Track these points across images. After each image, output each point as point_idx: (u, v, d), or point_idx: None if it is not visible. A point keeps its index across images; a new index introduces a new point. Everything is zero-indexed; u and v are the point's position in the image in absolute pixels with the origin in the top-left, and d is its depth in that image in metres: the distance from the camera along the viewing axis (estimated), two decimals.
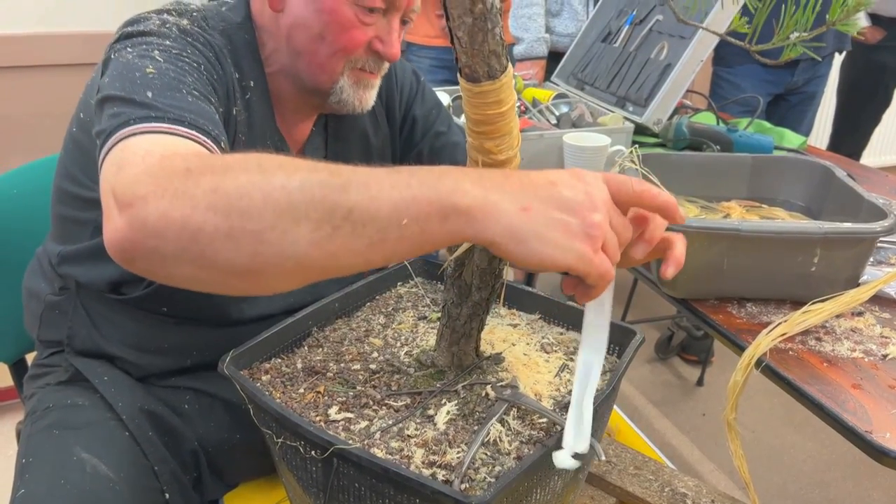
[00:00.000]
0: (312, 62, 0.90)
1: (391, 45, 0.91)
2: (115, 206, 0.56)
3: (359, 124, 1.06)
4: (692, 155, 1.36)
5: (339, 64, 0.90)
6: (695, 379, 2.45)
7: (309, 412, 0.72)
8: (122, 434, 0.90)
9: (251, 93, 0.92)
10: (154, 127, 0.67)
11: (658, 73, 1.70)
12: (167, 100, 0.72)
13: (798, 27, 0.58)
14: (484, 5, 0.55)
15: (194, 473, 0.96)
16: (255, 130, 0.93)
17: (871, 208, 1.03)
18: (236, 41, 0.91)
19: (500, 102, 0.60)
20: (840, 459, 2.11)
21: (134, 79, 0.74)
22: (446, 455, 0.66)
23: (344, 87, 0.92)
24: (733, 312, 1.03)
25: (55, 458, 0.85)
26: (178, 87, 0.75)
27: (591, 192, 0.56)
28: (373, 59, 0.92)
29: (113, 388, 0.94)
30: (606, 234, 0.56)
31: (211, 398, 0.98)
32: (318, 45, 0.89)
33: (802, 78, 2.36)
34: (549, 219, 0.54)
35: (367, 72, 0.93)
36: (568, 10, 2.29)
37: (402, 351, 0.83)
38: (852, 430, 0.80)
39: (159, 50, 0.80)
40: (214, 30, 0.89)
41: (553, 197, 0.55)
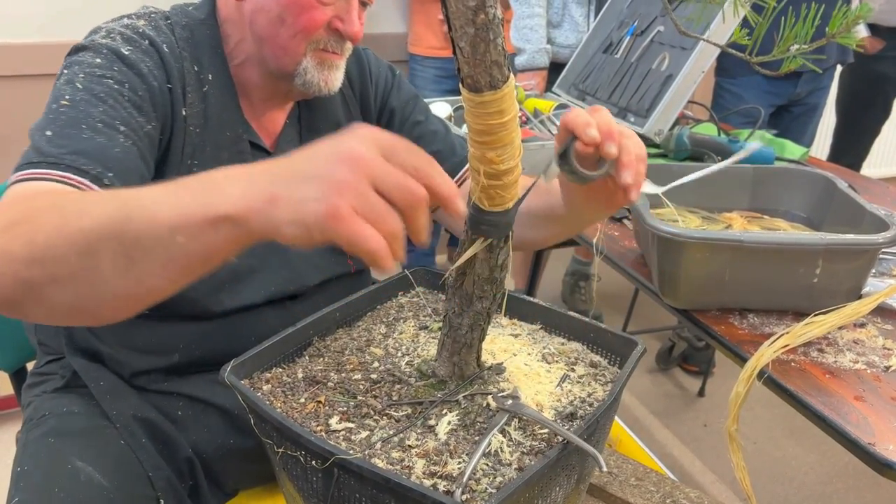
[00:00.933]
0: (275, 45, 0.93)
1: (351, 23, 0.93)
2: None
3: (332, 115, 1.06)
4: (693, 166, 1.36)
5: (301, 45, 0.92)
6: (696, 389, 2.44)
7: (310, 422, 0.72)
8: (116, 442, 0.90)
9: (209, 85, 0.94)
10: (30, 174, 0.72)
11: (659, 83, 1.70)
12: (61, 140, 0.76)
13: (798, 39, 0.58)
14: (486, 16, 0.55)
15: (190, 482, 0.95)
16: (213, 121, 0.94)
17: (873, 219, 1.03)
18: (198, 36, 0.95)
19: (502, 112, 0.60)
20: (842, 471, 2.10)
21: (50, 110, 0.80)
22: (447, 465, 0.65)
23: (308, 69, 0.94)
24: (735, 323, 1.03)
25: (49, 467, 0.85)
26: (80, 123, 0.79)
27: (338, 155, 0.53)
28: (334, 39, 0.94)
29: (108, 394, 0.94)
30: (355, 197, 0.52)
31: (204, 404, 0.98)
32: (279, 28, 0.91)
33: (805, 89, 2.37)
34: (294, 201, 0.53)
35: (329, 52, 0.94)
36: (569, 21, 2.30)
37: (403, 361, 0.83)
38: (855, 443, 0.80)
39: (84, 73, 0.83)
40: (177, 25, 0.94)
41: (300, 176, 0.54)
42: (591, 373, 0.83)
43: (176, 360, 0.97)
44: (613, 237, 1.32)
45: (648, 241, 1.07)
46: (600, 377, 0.82)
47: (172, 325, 0.96)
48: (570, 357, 0.86)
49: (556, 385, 0.79)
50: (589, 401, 0.77)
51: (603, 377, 0.82)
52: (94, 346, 0.98)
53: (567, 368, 0.83)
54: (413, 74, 2.73)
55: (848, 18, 0.57)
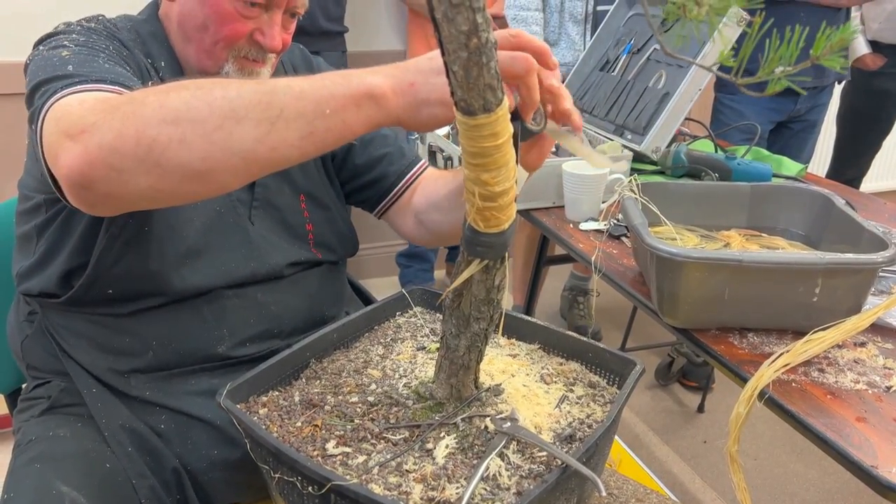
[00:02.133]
0: (199, 49, 0.96)
1: (272, 38, 0.96)
2: (67, 138, 0.65)
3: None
4: (691, 184, 1.36)
5: (223, 52, 0.96)
6: (695, 406, 2.43)
7: (306, 446, 0.71)
8: (102, 465, 0.90)
9: (163, 72, 0.97)
10: (80, 88, 0.75)
11: (656, 101, 1.71)
12: (86, 68, 0.80)
13: (783, 62, 0.58)
14: (479, 40, 0.55)
15: (177, 496, 0.95)
16: None
17: (871, 238, 1.03)
18: (143, 33, 0.99)
19: (496, 135, 0.60)
20: (843, 488, 2.08)
21: (53, 64, 0.82)
22: (445, 490, 0.65)
23: (230, 73, 0.97)
24: (735, 343, 1.02)
25: (34, 493, 0.85)
26: (94, 59, 0.83)
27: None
28: (255, 49, 0.97)
29: (99, 402, 0.95)
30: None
31: (186, 417, 0.97)
32: (203, 35, 0.95)
33: (805, 106, 2.38)
34: (428, 84, 0.67)
35: (250, 60, 0.97)
36: (565, 39, 2.31)
37: (400, 383, 0.83)
38: (858, 465, 0.79)
39: (68, 41, 0.87)
40: (123, 28, 0.98)
41: (427, 68, 0.68)
42: (589, 393, 0.83)
43: (151, 357, 0.97)
44: (612, 255, 1.32)
45: (647, 260, 1.07)
46: (599, 398, 0.82)
47: (140, 318, 0.97)
48: (568, 377, 0.86)
49: (555, 406, 0.79)
50: (588, 422, 0.76)
51: (602, 398, 0.82)
52: (78, 357, 0.99)
53: (566, 389, 0.83)
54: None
55: (832, 41, 0.57)
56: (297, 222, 1.08)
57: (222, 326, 0.99)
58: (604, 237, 1.39)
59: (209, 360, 0.99)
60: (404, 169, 1.14)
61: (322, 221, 1.10)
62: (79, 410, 0.96)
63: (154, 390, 0.98)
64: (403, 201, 1.15)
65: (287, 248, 1.05)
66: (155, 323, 0.97)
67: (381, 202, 1.16)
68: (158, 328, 0.97)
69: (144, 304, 0.96)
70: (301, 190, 1.09)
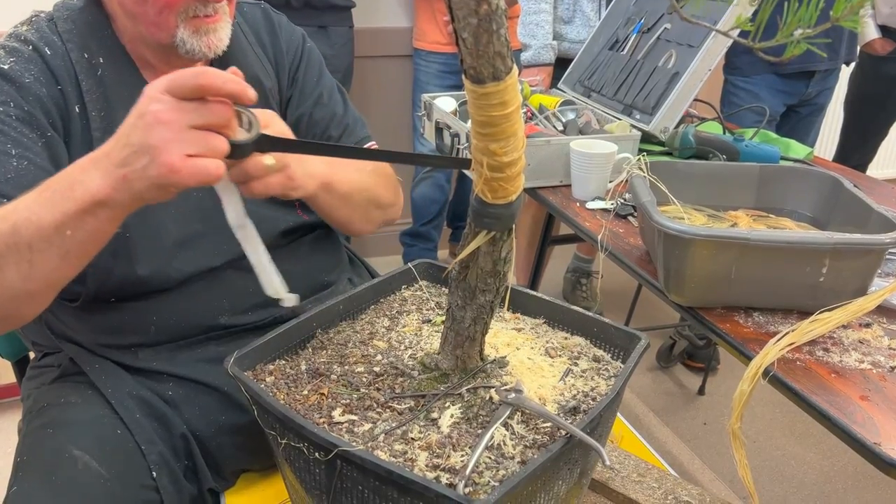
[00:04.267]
0: (147, 22, 0.93)
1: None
2: None
3: (249, 71, 1.06)
4: (700, 164, 1.35)
5: (170, 18, 0.92)
6: (696, 388, 2.44)
7: (313, 414, 0.72)
8: (113, 431, 0.91)
9: (101, 68, 0.95)
10: None
11: (665, 81, 1.70)
12: None
13: (802, 23, 0.58)
14: (489, 6, 0.55)
15: (186, 461, 0.96)
16: (115, 101, 0.95)
17: (879, 219, 1.03)
18: (80, 24, 0.96)
19: (505, 104, 0.60)
20: (842, 471, 2.09)
21: None
22: (450, 458, 0.65)
23: (185, 39, 0.93)
24: (740, 322, 1.03)
25: (48, 456, 0.86)
26: None
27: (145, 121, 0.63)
28: (201, 4, 0.93)
29: (103, 375, 0.96)
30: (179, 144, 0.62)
31: (193, 383, 0.99)
32: (145, 7, 0.91)
33: (815, 89, 2.36)
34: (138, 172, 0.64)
35: (201, 17, 0.93)
36: (580, 16, 2.29)
37: (406, 354, 0.83)
38: (861, 442, 0.79)
39: None
40: (59, 20, 0.95)
41: (127, 152, 0.65)
42: (594, 367, 0.83)
43: (153, 333, 0.98)
44: (618, 234, 1.32)
45: (654, 238, 1.07)
46: (603, 371, 0.82)
47: (138, 303, 0.97)
48: (573, 351, 0.86)
49: (560, 379, 0.79)
50: (592, 395, 0.77)
51: (606, 371, 0.82)
52: (73, 338, 0.99)
53: (570, 363, 0.83)
54: (417, 69, 2.73)
55: (853, 1, 0.56)
56: None
57: (222, 299, 1.00)
58: (610, 216, 1.39)
59: (212, 329, 1.00)
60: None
61: None
62: (89, 379, 0.97)
63: (161, 360, 0.99)
64: None
65: (274, 217, 1.05)
66: (154, 305, 0.97)
67: None
68: (158, 308, 0.98)
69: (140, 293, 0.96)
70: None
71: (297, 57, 1.13)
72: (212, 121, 0.64)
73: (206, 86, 0.63)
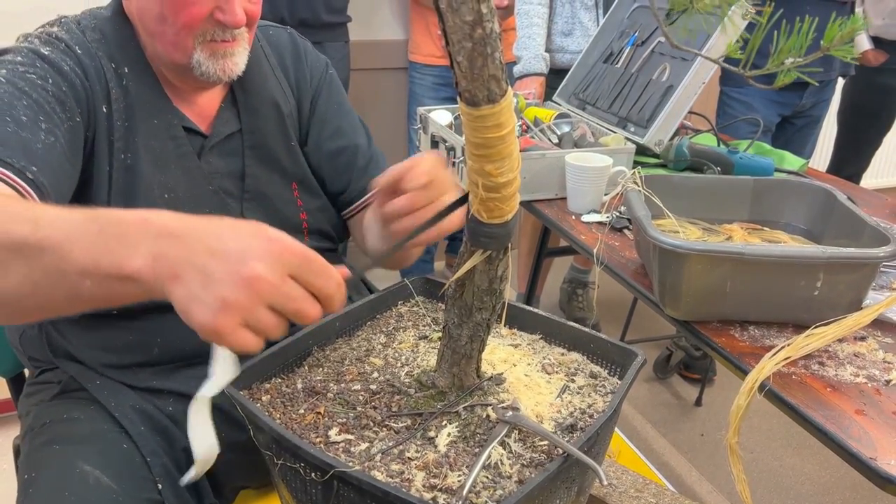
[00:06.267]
0: (164, 42, 0.93)
1: (231, 13, 0.92)
2: None
3: (268, 95, 1.06)
4: (695, 177, 1.36)
5: (188, 40, 0.92)
6: (693, 399, 2.44)
7: (309, 433, 0.72)
8: (120, 446, 0.90)
9: (126, 79, 0.95)
10: None
11: (660, 94, 1.71)
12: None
13: (793, 52, 0.58)
14: (483, 30, 0.55)
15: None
16: (138, 112, 0.95)
17: (873, 233, 1.03)
18: (107, 33, 0.95)
19: (500, 126, 0.60)
20: (839, 482, 2.09)
21: None
22: (447, 478, 0.65)
23: (201, 61, 0.93)
24: (736, 335, 1.03)
25: (57, 472, 0.86)
26: (4, 115, 0.80)
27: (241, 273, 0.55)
28: (220, 29, 0.93)
29: (105, 390, 0.96)
30: (243, 317, 0.55)
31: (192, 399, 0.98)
32: (163, 26, 0.91)
33: (810, 101, 2.38)
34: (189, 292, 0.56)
35: (219, 41, 0.94)
36: (579, 28, 2.31)
37: (402, 371, 0.83)
38: (857, 457, 0.79)
39: (6, 69, 0.85)
40: (87, 28, 0.94)
41: (201, 269, 0.56)
42: (591, 384, 0.83)
43: (156, 353, 0.98)
44: (614, 247, 1.32)
45: (650, 252, 1.07)
46: (600, 388, 0.82)
47: (142, 321, 0.97)
48: (569, 367, 0.86)
49: (556, 396, 0.79)
50: (589, 412, 0.77)
51: (603, 388, 0.82)
52: (73, 355, 0.99)
53: (567, 379, 0.83)
54: (412, 82, 2.74)
55: (843, 31, 0.57)
56: (291, 212, 1.07)
57: None
58: (606, 229, 1.39)
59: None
60: (364, 188, 1.12)
61: (315, 209, 1.10)
62: (90, 394, 0.96)
63: (161, 379, 0.98)
64: (359, 218, 1.13)
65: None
66: (160, 325, 0.96)
67: (341, 212, 1.16)
68: (163, 329, 0.97)
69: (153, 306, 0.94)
70: (292, 178, 1.08)
71: (319, 84, 1.13)
72: (288, 312, 0.58)
73: (318, 285, 0.58)
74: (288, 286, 0.57)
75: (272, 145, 1.06)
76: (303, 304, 0.58)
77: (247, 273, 0.55)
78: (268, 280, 0.55)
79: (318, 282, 0.58)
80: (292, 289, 0.57)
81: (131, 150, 0.94)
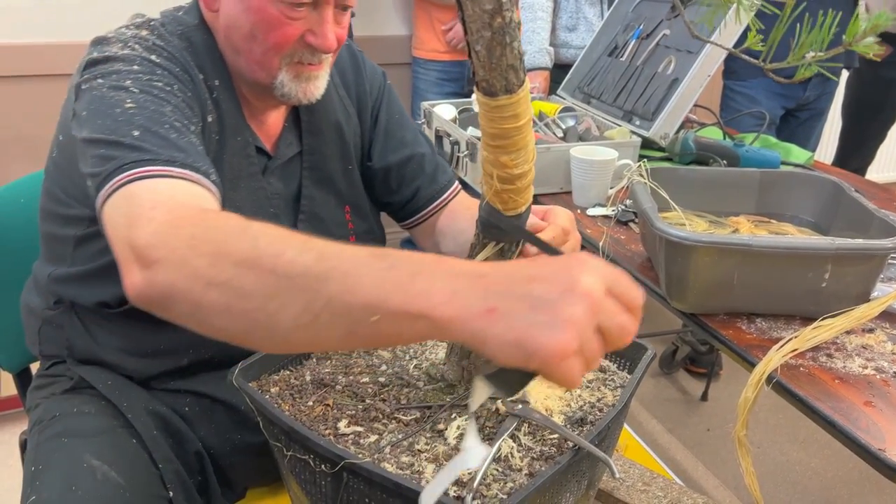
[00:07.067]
0: (250, 60, 0.91)
1: (324, 36, 0.90)
2: (135, 261, 0.61)
3: (331, 117, 1.05)
4: (701, 169, 1.35)
5: (275, 60, 0.90)
6: (699, 394, 2.44)
7: (318, 425, 0.72)
8: (129, 441, 0.90)
9: (217, 91, 0.93)
10: (149, 171, 0.70)
11: (665, 87, 1.70)
12: (154, 139, 0.74)
13: (814, 47, 0.58)
14: (503, 19, 0.55)
15: (199, 477, 0.95)
16: (227, 128, 0.93)
17: (881, 225, 1.03)
18: (195, 42, 0.92)
19: (517, 116, 0.60)
20: (846, 476, 2.09)
21: (115, 116, 0.76)
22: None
23: (284, 82, 0.92)
24: (743, 328, 1.03)
25: (66, 466, 0.85)
26: (161, 121, 0.77)
27: (574, 289, 0.51)
28: (308, 52, 0.91)
29: (117, 391, 0.95)
30: (582, 336, 0.50)
31: (210, 400, 0.98)
32: (252, 44, 0.89)
33: (814, 93, 2.37)
34: (516, 321, 0.50)
35: (305, 64, 0.92)
36: (583, 23, 2.31)
37: (410, 364, 0.83)
38: (866, 449, 0.79)
39: (131, 79, 0.81)
40: (173, 35, 0.91)
41: (525, 295, 0.51)
42: (600, 377, 0.83)
43: (185, 363, 0.97)
44: (619, 240, 1.32)
45: (656, 244, 1.07)
46: (609, 382, 0.82)
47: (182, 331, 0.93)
48: None
49: (566, 390, 0.79)
50: (598, 406, 0.77)
51: (612, 382, 0.82)
52: (98, 357, 0.97)
53: None
54: (416, 77, 2.73)
55: (866, 27, 0.57)
56: (342, 234, 1.06)
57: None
58: (611, 223, 1.39)
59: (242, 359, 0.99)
60: (435, 194, 1.11)
61: (363, 232, 1.09)
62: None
63: (180, 381, 0.98)
64: (428, 224, 1.12)
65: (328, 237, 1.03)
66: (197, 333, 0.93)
67: (404, 220, 1.14)
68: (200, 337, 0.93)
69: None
70: (346, 201, 1.07)
71: (379, 96, 1.11)
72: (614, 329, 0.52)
73: (630, 297, 0.54)
74: (611, 301, 0.53)
75: (330, 167, 1.05)
76: (624, 318, 0.53)
77: (580, 289, 0.51)
78: (598, 295, 0.51)
79: (631, 293, 0.54)
80: (614, 304, 0.53)
81: (217, 166, 0.90)
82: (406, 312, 0.53)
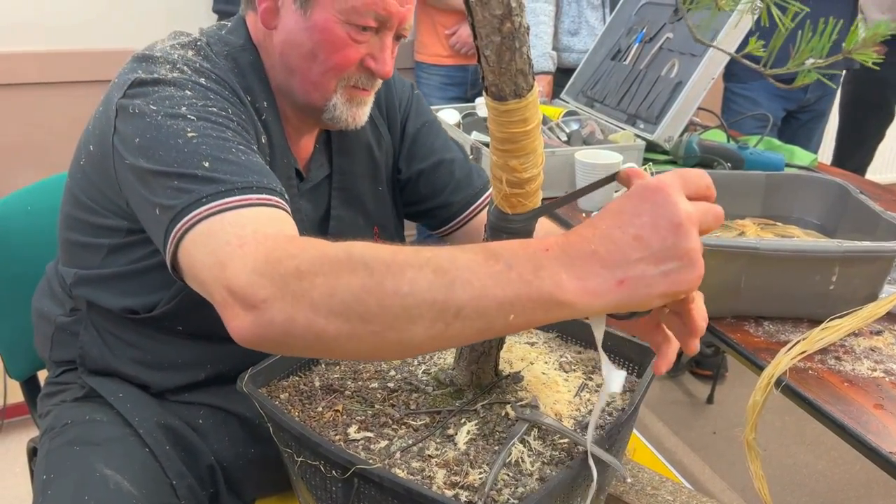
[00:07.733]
0: (305, 80, 0.90)
1: (384, 62, 0.90)
2: (237, 304, 0.61)
3: (362, 138, 1.05)
4: (707, 172, 1.35)
5: (332, 82, 0.90)
6: (704, 396, 2.43)
7: (328, 431, 0.72)
8: (141, 450, 0.90)
9: (265, 113, 0.92)
10: (228, 203, 0.69)
11: (669, 90, 1.70)
12: (225, 166, 0.73)
13: (814, 54, 0.58)
14: (512, 24, 0.55)
15: (211, 489, 0.95)
16: (276, 151, 0.93)
17: (888, 226, 1.03)
18: (242, 63, 0.91)
19: (526, 121, 0.60)
20: (853, 479, 2.08)
21: (178, 147, 0.74)
22: (468, 476, 0.65)
23: (337, 105, 0.91)
24: (750, 331, 1.02)
25: (77, 474, 0.85)
26: (227, 147, 0.76)
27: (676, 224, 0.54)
28: (365, 77, 0.91)
29: (128, 403, 0.94)
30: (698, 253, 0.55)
31: (225, 413, 0.97)
32: (311, 64, 0.89)
33: (814, 95, 2.37)
34: (650, 278, 0.54)
35: (360, 89, 0.92)
36: (585, 27, 2.31)
37: (419, 369, 0.83)
38: (876, 452, 0.79)
39: (186, 105, 0.79)
40: (219, 56, 0.89)
41: (645, 255, 0.54)
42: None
43: (202, 378, 0.96)
44: None
45: None
46: None
47: (202, 344, 0.94)
48: (587, 366, 0.86)
49: (575, 394, 0.79)
50: (607, 410, 0.77)
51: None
52: (111, 367, 0.96)
53: (585, 377, 0.83)
54: (419, 82, 2.74)
55: (866, 35, 0.57)
56: None
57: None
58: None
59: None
60: (470, 198, 1.09)
61: None
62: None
63: (192, 393, 0.98)
64: (467, 229, 1.10)
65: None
66: (217, 348, 0.93)
67: (440, 227, 1.12)
68: (219, 353, 0.94)
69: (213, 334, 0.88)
70: (375, 221, 1.07)
71: (407, 107, 1.10)
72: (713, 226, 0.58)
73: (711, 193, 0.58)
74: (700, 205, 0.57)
75: (360, 187, 1.05)
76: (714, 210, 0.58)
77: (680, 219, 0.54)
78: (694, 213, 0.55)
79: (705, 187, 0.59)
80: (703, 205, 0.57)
81: None
82: (541, 304, 0.55)
